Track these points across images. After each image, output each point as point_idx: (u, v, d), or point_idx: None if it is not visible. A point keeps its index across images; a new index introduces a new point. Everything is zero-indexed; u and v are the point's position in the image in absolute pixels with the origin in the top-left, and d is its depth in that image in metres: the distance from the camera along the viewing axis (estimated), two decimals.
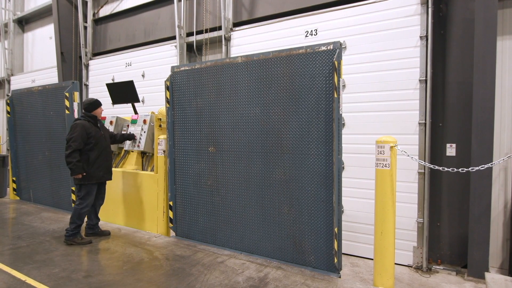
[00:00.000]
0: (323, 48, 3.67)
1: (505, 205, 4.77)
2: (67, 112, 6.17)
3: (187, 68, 4.78)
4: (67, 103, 6.14)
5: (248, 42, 6.19)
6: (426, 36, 4.74)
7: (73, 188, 6.30)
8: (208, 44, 7.36)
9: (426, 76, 4.75)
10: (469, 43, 4.64)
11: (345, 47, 5.21)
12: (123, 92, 5.61)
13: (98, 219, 5.14)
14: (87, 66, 9.40)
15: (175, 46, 7.54)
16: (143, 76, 8.11)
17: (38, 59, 11.46)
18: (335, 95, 3.53)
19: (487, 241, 4.28)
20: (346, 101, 5.07)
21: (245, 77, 4.24)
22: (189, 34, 7.62)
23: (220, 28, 6.82)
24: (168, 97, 4.91)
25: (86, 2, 9.42)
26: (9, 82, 11.64)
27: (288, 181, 3.97)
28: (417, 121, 4.81)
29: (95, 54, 9.49)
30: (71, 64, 9.48)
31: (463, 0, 4.85)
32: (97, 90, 9.03)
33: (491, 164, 3.77)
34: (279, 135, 4.01)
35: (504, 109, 4.74)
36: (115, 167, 5.93)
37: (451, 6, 4.97)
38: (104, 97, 7.16)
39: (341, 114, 3.63)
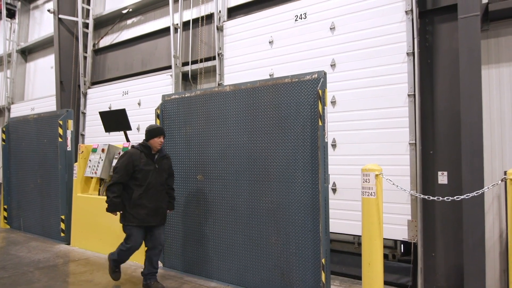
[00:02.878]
0: (308, 77, 3.72)
1: (500, 235, 4.64)
2: (60, 140, 6.20)
3: (177, 96, 4.84)
4: (60, 131, 6.19)
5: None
6: (414, 66, 4.80)
7: (63, 217, 6.22)
8: (203, 73, 7.51)
9: (414, 105, 4.77)
10: (456, 72, 4.70)
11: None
12: (116, 120, 5.66)
13: (155, 269, 4.07)
14: (85, 94, 9.55)
15: (171, 75, 7.69)
16: (139, 104, 8.22)
17: (39, 88, 11.69)
18: (320, 123, 3.54)
19: (483, 273, 4.13)
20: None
21: (233, 105, 4.28)
22: (185, 63, 7.80)
23: (214, 58, 6.97)
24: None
25: (87, 33, 9.71)
26: (9, 110, 11.81)
27: (275, 210, 3.90)
28: (407, 142, 4.79)
29: (94, 83, 9.68)
30: (70, 92, 9.64)
31: (448, 30, 4.97)
32: (94, 118, 9.11)
33: (482, 191, 3.69)
34: (266, 163, 3.99)
35: (493, 136, 4.72)
36: (104, 195, 5.87)
37: (437, 37, 5.09)
38: (100, 125, 7.22)
39: (327, 142, 3.63)
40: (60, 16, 9.48)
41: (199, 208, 4.55)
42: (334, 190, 5.12)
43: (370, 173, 3.29)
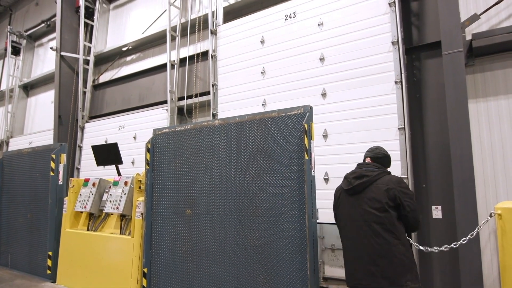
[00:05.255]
0: (294, 112, 3.75)
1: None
2: (51, 174, 6.17)
3: (168, 130, 4.87)
4: (52, 164, 6.17)
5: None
6: (402, 99, 4.85)
7: (50, 253, 6.05)
8: (198, 108, 7.61)
9: (405, 138, 4.76)
10: (444, 106, 4.74)
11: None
12: (108, 154, 5.66)
13: None
14: (82, 128, 9.64)
15: (166, 109, 7.79)
16: (134, 138, 8.27)
17: (39, 122, 11.83)
18: (306, 157, 3.52)
19: None
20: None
21: (222, 139, 4.29)
22: (181, 98, 7.93)
23: (208, 92, 7.08)
24: (148, 159, 4.93)
25: (87, 69, 9.98)
26: (7, 144, 11.88)
27: (263, 247, 3.79)
28: (399, 175, 4.72)
29: (92, 117, 9.80)
30: (68, 127, 9.74)
31: (435, 65, 5.08)
32: (90, 152, 9.10)
33: (476, 231, 3.57)
34: (254, 197, 3.93)
35: (486, 167, 4.67)
36: (94, 230, 5.75)
37: (424, 72, 5.20)
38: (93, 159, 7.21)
39: (314, 176, 3.59)
40: (62, 53, 9.79)
41: (186, 244, 4.43)
42: (326, 180, 5.14)
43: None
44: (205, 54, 7.57)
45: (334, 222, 3.12)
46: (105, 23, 10.36)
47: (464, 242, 3.41)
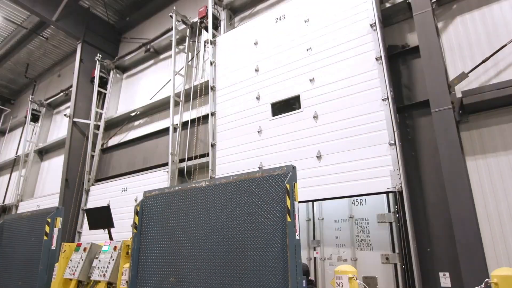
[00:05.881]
0: (277, 172, 3.66)
1: None
2: (45, 238, 6.07)
3: (157, 193, 4.81)
4: (47, 228, 6.10)
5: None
6: (398, 159, 4.72)
7: None
8: (197, 169, 7.63)
9: (403, 203, 4.52)
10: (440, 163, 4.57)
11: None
12: (100, 217, 5.59)
13: None
14: (87, 191, 9.73)
15: (167, 171, 7.84)
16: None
17: (49, 186, 12.05)
18: (289, 219, 3.34)
19: None
20: None
21: (209, 201, 4.17)
22: (182, 160, 8.01)
23: (208, 154, 7.15)
24: (136, 222, 4.81)
25: (97, 134, 10.38)
26: (17, 207, 12.03)
27: None
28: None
29: (97, 180, 9.93)
30: (74, 190, 9.86)
31: (427, 123, 5.01)
32: None
33: None
34: (238, 265, 3.68)
35: (493, 230, 4.30)
36: None
37: (417, 130, 5.12)
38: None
39: (299, 240, 3.37)
40: (75, 119, 10.31)
41: None
42: (319, 158, 5.28)
43: (342, 276, 2.94)
44: (206, 118, 7.79)
45: None
46: (118, 90, 11.01)
47: None
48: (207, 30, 8.09)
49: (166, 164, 8.21)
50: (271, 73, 6.47)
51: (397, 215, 4.49)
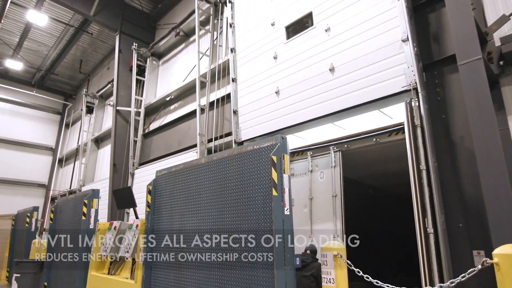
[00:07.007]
0: (267, 144, 3.40)
1: None
2: (83, 218, 6.55)
3: (166, 172, 4.84)
4: (84, 209, 6.57)
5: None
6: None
7: None
8: (223, 148, 7.58)
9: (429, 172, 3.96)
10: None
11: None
12: (125, 197, 5.84)
13: None
14: (133, 175, 10.32)
15: (196, 152, 7.93)
16: None
17: (105, 171, 13.05)
18: (275, 193, 3.09)
19: None
20: None
21: (207, 177, 4.07)
22: (211, 140, 8.02)
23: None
24: (149, 201, 4.91)
25: (139, 120, 10.88)
26: (79, 192, 13.28)
27: None
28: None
29: (141, 163, 10.48)
30: (121, 173, 10.53)
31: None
32: (139, 196, 9.62)
33: None
34: (232, 242, 3.55)
35: None
36: (113, 273, 5.81)
37: (449, 89, 4.41)
38: (142, 202, 7.54)
39: (288, 215, 3.10)
40: (118, 108, 10.90)
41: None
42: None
43: (327, 253, 2.63)
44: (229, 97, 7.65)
45: None
46: (155, 77, 11.36)
47: None
48: (225, 4, 7.84)
49: (196, 145, 8.30)
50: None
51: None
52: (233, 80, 7.00)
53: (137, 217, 5.87)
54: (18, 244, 10.11)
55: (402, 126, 4.50)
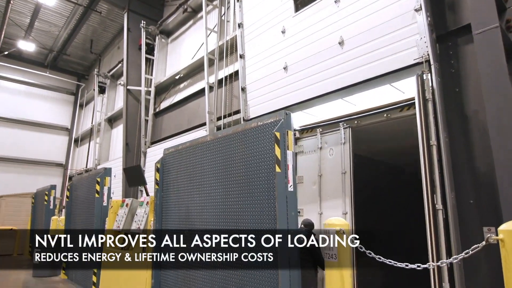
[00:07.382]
0: (270, 120, 3.35)
1: None
2: (96, 195, 6.72)
3: (173, 150, 4.86)
4: (97, 187, 6.73)
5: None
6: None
7: (95, 270, 6.50)
8: (232, 125, 7.54)
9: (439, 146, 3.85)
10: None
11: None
12: (135, 175, 5.93)
13: None
14: (145, 153, 10.47)
15: (205, 130, 7.93)
16: None
17: (118, 150, 13.26)
18: (278, 170, 3.06)
19: None
20: None
21: (212, 155, 4.07)
22: (220, 118, 7.99)
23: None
24: (158, 179, 4.97)
25: (149, 99, 10.91)
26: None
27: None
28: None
29: (153, 142, 10.59)
30: (134, 152, 10.68)
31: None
32: (150, 174, 9.79)
33: None
34: (237, 222, 3.57)
35: None
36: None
37: (463, 60, 4.20)
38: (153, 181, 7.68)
39: (292, 191, 3.08)
40: (128, 87, 10.94)
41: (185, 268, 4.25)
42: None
43: (329, 229, 2.62)
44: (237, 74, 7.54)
45: None
46: (164, 56, 11.28)
47: None
48: None
49: (205, 124, 8.30)
50: None
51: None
52: (241, 57, 6.89)
53: (147, 194, 5.98)
54: (39, 221, 10.53)
55: (414, 101, 4.35)
